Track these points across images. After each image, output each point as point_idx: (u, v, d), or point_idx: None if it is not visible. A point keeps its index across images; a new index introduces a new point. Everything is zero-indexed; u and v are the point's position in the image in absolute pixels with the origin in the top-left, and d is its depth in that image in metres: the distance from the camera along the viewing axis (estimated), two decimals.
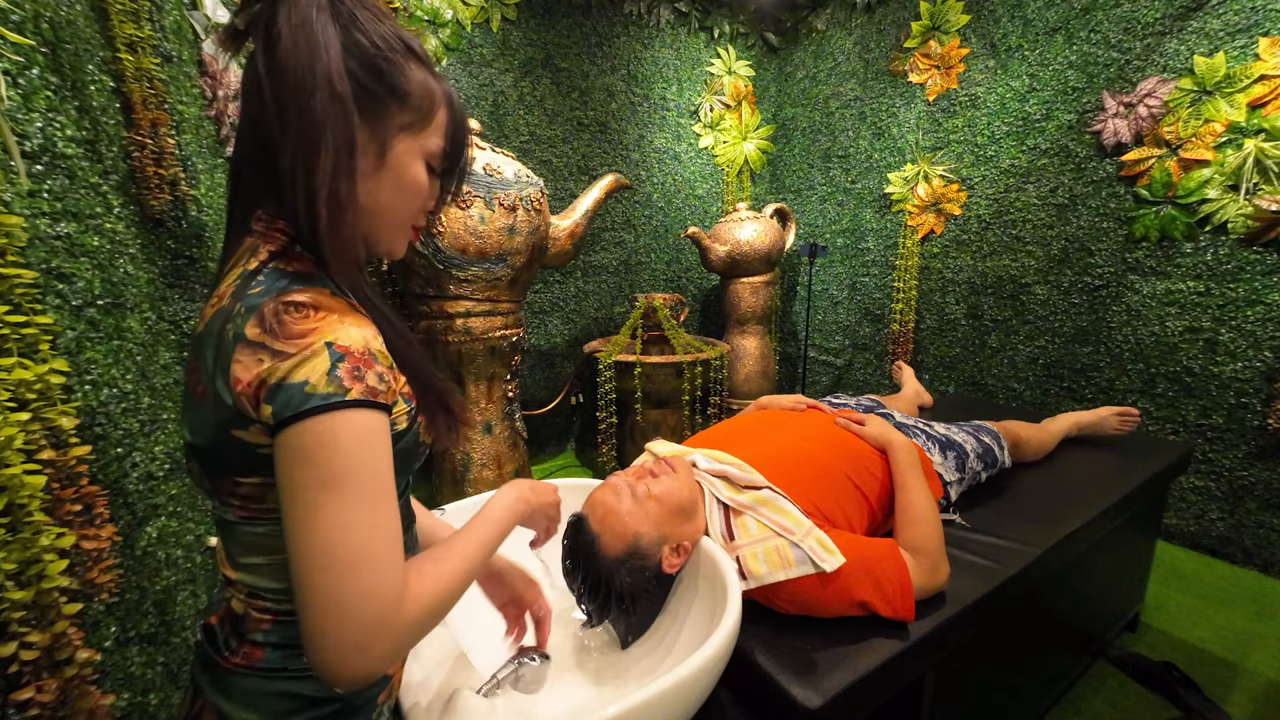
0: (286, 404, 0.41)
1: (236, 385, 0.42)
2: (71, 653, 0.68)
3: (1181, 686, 1.31)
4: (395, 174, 0.52)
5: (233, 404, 0.43)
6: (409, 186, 0.53)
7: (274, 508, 0.46)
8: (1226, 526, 1.90)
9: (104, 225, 0.89)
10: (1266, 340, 1.77)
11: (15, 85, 0.74)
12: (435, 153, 0.54)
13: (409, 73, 0.51)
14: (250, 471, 0.46)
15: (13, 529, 0.63)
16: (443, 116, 0.54)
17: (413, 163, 0.53)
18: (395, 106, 0.51)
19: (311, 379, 0.41)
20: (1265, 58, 1.70)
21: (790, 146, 3.39)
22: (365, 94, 0.49)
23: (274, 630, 0.51)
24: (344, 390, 0.42)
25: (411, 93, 0.51)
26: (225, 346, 0.43)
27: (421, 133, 0.53)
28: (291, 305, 0.44)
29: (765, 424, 1.17)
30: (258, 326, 0.43)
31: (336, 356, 0.42)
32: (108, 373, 0.86)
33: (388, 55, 0.50)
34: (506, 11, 2.55)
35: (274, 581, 0.50)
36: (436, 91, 0.53)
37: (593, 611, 0.88)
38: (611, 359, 2.34)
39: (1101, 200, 2.10)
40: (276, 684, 0.50)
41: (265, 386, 0.41)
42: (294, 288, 0.45)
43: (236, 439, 0.44)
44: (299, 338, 0.42)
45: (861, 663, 0.77)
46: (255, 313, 0.43)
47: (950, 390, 2.70)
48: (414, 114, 0.52)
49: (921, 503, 0.96)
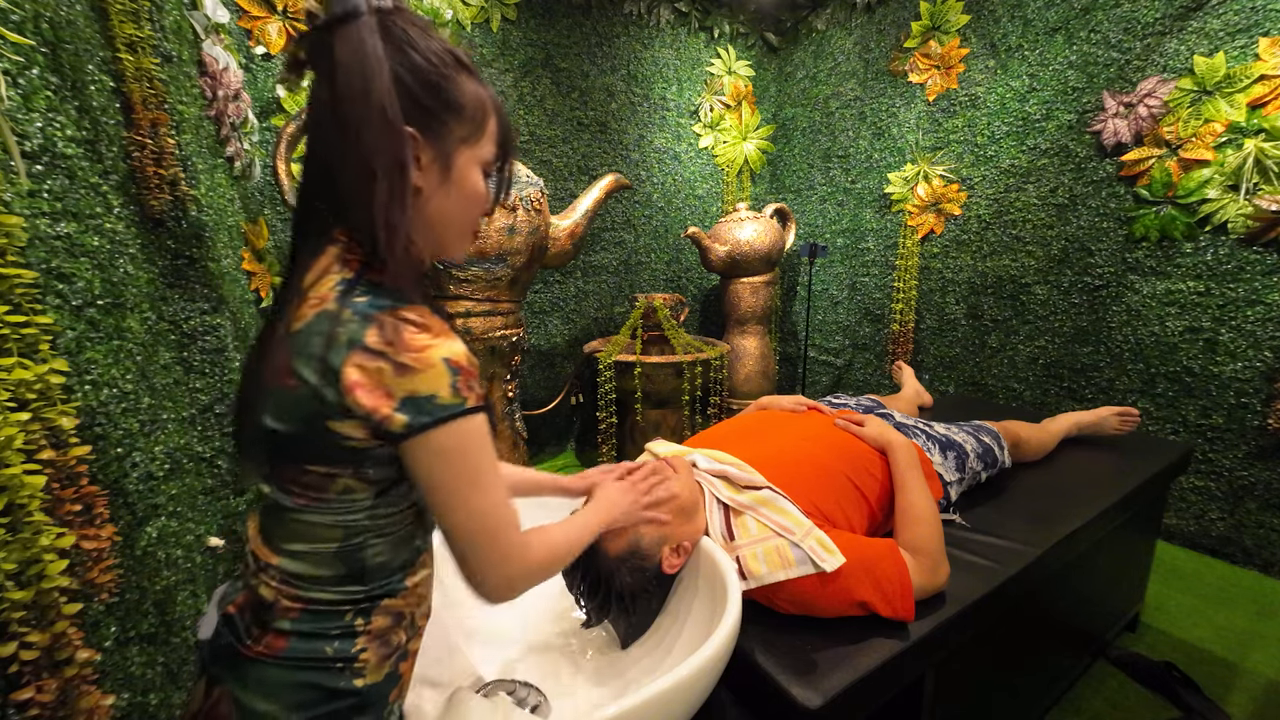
0: (420, 413, 0.48)
1: (352, 386, 0.47)
2: (71, 653, 0.69)
3: (1181, 686, 1.31)
4: (459, 186, 0.56)
5: (335, 400, 0.47)
6: (471, 196, 0.57)
7: (332, 498, 0.51)
8: (1226, 526, 1.90)
9: (104, 225, 0.89)
10: (1266, 340, 1.77)
11: (15, 85, 0.74)
12: (489, 159, 0.58)
13: (462, 86, 0.54)
14: (327, 460, 0.50)
15: (13, 529, 0.63)
16: (493, 124, 0.57)
17: (472, 172, 0.56)
18: (453, 121, 0.54)
19: (439, 392, 0.48)
20: (1265, 58, 1.70)
21: (790, 146, 3.39)
22: (425, 112, 0.52)
23: (302, 619, 0.52)
24: (463, 400, 0.49)
25: (466, 105, 0.54)
26: (337, 350, 0.47)
27: (477, 143, 0.56)
28: (408, 321, 0.48)
29: (765, 424, 1.17)
30: (377, 336, 0.47)
31: (454, 371, 0.49)
32: (108, 373, 0.86)
33: (442, 71, 0.52)
34: (506, 11, 2.55)
35: (314, 568, 0.52)
36: (486, 100, 0.56)
37: (592, 611, 0.88)
38: (611, 359, 2.34)
39: (1101, 200, 2.10)
40: (298, 674, 0.51)
41: (393, 398, 0.47)
42: (402, 305, 0.50)
43: (330, 430, 0.49)
44: (418, 352, 0.47)
45: (861, 663, 0.77)
46: (372, 322, 0.48)
47: (950, 390, 2.70)
48: (470, 126, 0.55)
49: (921, 503, 0.96)
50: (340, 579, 0.53)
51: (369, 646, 0.53)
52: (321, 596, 0.52)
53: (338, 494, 0.51)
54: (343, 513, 0.52)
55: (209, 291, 1.20)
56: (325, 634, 0.52)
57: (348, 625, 0.53)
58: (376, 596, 0.54)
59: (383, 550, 0.54)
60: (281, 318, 0.52)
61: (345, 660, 0.52)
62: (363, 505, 0.52)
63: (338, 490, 0.51)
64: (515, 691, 0.77)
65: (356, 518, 0.52)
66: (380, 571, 0.54)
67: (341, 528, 0.52)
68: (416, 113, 0.51)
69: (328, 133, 0.51)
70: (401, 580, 0.56)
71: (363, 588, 0.53)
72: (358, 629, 0.53)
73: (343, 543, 0.52)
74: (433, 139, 0.53)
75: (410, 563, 0.57)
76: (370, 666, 0.53)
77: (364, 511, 0.52)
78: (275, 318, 0.54)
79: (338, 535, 0.52)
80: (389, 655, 0.55)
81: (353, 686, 0.53)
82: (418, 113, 0.51)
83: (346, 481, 0.51)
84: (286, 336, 0.51)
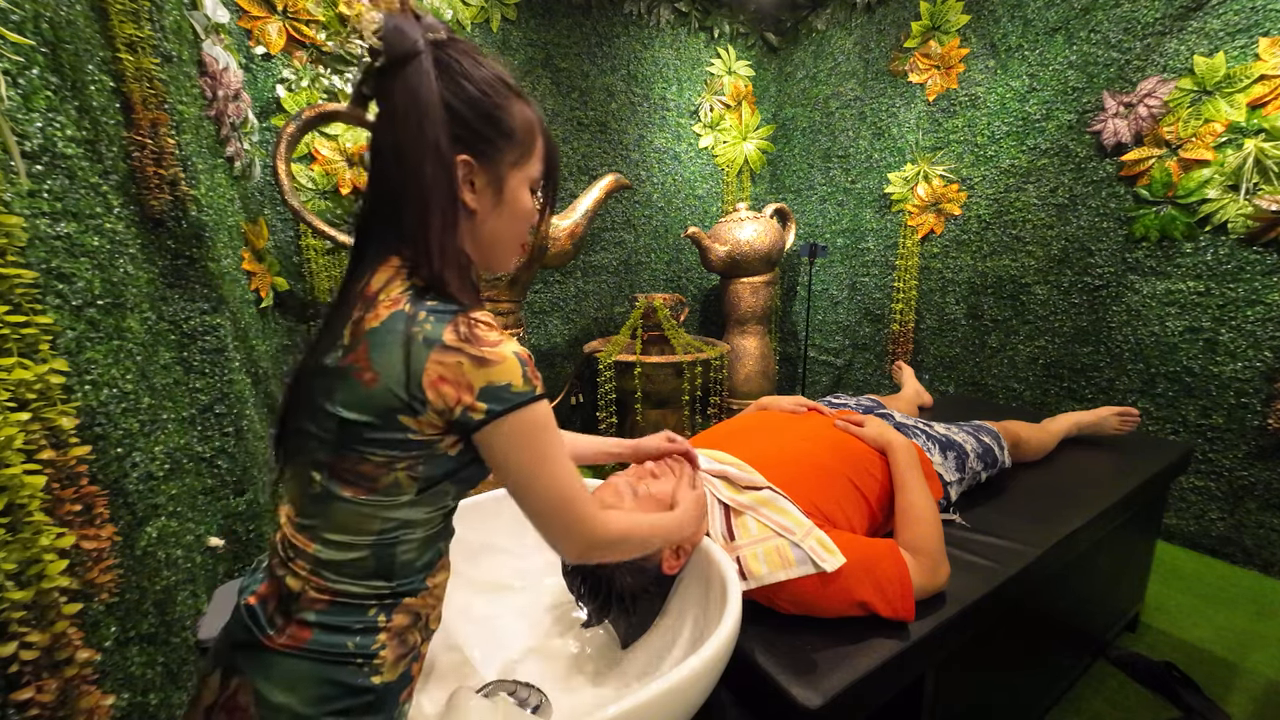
0: (499, 401, 0.52)
1: (434, 382, 0.51)
2: (71, 653, 0.68)
3: (1181, 686, 1.31)
4: (510, 206, 0.60)
5: (415, 395, 0.51)
6: (520, 215, 0.61)
7: (382, 489, 0.54)
8: (1226, 526, 1.90)
9: (104, 225, 0.89)
10: (1266, 340, 1.77)
11: (15, 85, 0.74)
12: (537, 178, 0.62)
13: (512, 111, 0.58)
14: (390, 451, 0.53)
15: (13, 529, 0.63)
16: (540, 144, 0.61)
17: (523, 192, 0.60)
18: (505, 145, 0.58)
19: (514, 381, 0.53)
20: (1265, 58, 1.70)
21: (790, 146, 3.39)
22: (479, 139, 0.56)
23: (328, 611, 0.54)
24: (533, 387, 0.54)
25: (516, 129, 0.58)
26: (417, 348, 0.51)
27: (527, 164, 0.60)
28: (480, 322, 0.53)
29: (765, 425, 1.17)
30: (454, 334, 0.52)
31: (523, 362, 0.54)
32: (108, 373, 0.86)
33: (495, 100, 0.56)
34: (506, 11, 2.55)
35: (348, 558, 0.55)
36: (534, 121, 0.60)
37: (593, 611, 0.88)
38: (611, 359, 2.34)
39: (1101, 200, 2.10)
40: (320, 669, 0.53)
41: (474, 389, 0.52)
42: (471, 309, 0.54)
43: (400, 423, 0.52)
44: (493, 346, 0.52)
45: (861, 663, 0.77)
46: (449, 324, 0.52)
47: (950, 390, 2.70)
48: (520, 149, 0.59)
49: (921, 503, 0.96)
50: (370, 573, 0.55)
51: (389, 644, 0.55)
52: (350, 589, 0.54)
53: (386, 486, 0.54)
54: (386, 507, 0.54)
55: (209, 291, 1.20)
56: (349, 628, 0.54)
57: (371, 620, 0.55)
58: (400, 594, 0.56)
59: (412, 548, 0.57)
60: (347, 316, 0.55)
61: (365, 656, 0.54)
62: (404, 501, 0.55)
63: (387, 483, 0.54)
64: (516, 692, 0.77)
65: (397, 513, 0.55)
66: (406, 569, 0.57)
67: (381, 520, 0.55)
68: (471, 139, 0.56)
69: (388, 163, 0.55)
70: (423, 580, 0.58)
71: (389, 584, 0.56)
72: (380, 625, 0.55)
73: (379, 535, 0.55)
74: (486, 164, 0.57)
75: (432, 564, 0.59)
76: (388, 664, 0.55)
77: (404, 508, 0.55)
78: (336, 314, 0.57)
79: (376, 528, 0.55)
80: (405, 654, 0.57)
81: (370, 684, 0.54)
82: (472, 139, 0.56)
83: (399, 475, 0.54)
84: (362, 333, 0.53)
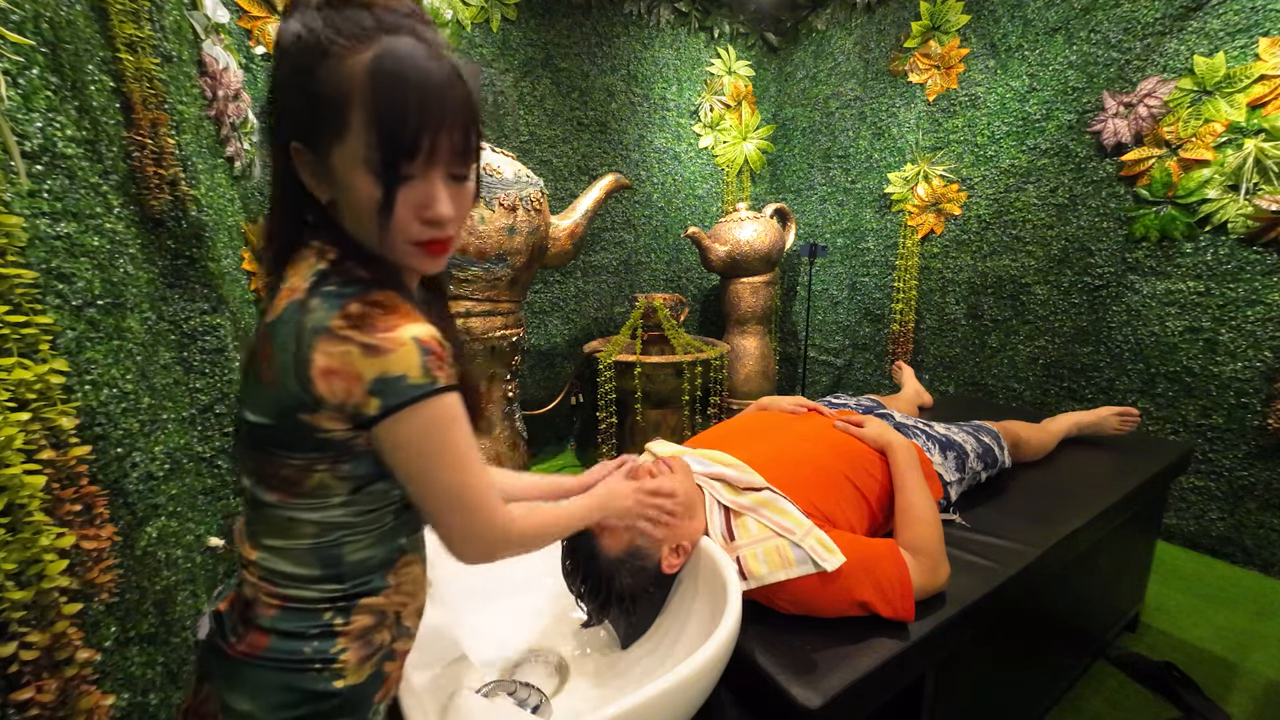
0: (394, 394, 0.46)
1: (320, 374, 0.46)
2: (71, 653, 0.68)
3: (1181, 686, 1.31)
4: (347, 196, 0.49)
5: (300, 390, 0.46)
6: (361, 206, 0.48)
7: (308, 492, 0.50)
8: (1226, 526, 1.90)
9: (104, 225, 0.89)
10: (1266, 340, 1.77)
11: (15, 85, 0.74)
12: (367, 156, 0.46)
13: (320, 74, 0.45)
14: (303, 453, 0.49)
15: (13, 529, 0.63)
16: (360, 113, 0.45)
17: (355, 177, 0.47)
18: (316, 121, 0.47)
19: (409, 372, 0.46)
20: (1265, 58, 1.70)
21: (790, 146, 3.38)
22: (299, 120, 0.48)
23: (280, 617, 0.52)
24: (433, 379, 0.48)
25: (323, 99, 0.46)
26: (304, 337, 0.46)
27: (346, 140, 0.46)
28: (374, 304, 0.47)
29: (765, 425, 1.17)
30: (343, 320, 0.46)
31: (424, 350, 0.47)
32: (108, 373, 0.86)
33: (299, 65, 0.46)
34: (506, 11, 2.55)
35: (290, 565, 0.52)
36: (350, 81, 0.45)
37: (593, 611, 0.88)
38: (611, 359, 2.34)
39: (1101, 200, 2.10)
40: (279, 676, 0.51)
41: (363, 380, 0.46)
42: (372, 290, 0.48)
43: (302, 422, 0.48)
44: (386, 332, 0.46)
45: (861, 663, 0.77)
46: (337, 307, 0.46)
47: (950, 390, 2.70)
48: (332, 121, 0.46)
49: (921, 503, 0.96)
50: (317, 578, 0.52)
51: (349, 646, 0.52)
52: (299, 594, 0.52)
53: (312, 489, 0.50)
54: (318, 509, 0.51)
55: (209, 291, 1.20)
56: (304, 633, 0.51)
57: (326, 624, 0.52)
58: (355, 595, 0.53)
59: (361, 548, 0.53)
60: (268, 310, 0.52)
61: (324, 661, 0.51)
62: (337, 501, 0.51)
63: (312, 485, 0.50)
64: (516, 692, 0.77)
65: (332, 514, 0.51)
66: (359, 569, 0.53)
67: (316, 524, 0.51)
68: (294, 121, 0.48)
69: None
70: (383, 578, 0.55)
71: (340, 586, 0.52)
72: (336, 628, 0.52)
73: (317, 539, 0.51)
74: (312, 147, 0.48)
75: (391, 561, 0.56)
76: (350, 667, 0.52)
77: (339, 508, 0.51)
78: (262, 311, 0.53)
79: (312, 531, 0.51)
80: (371, 655, 0.54)
81: (331, 689, 0.51)
82: (294, 121, 0.48)
83: (322, 477, 0.50)
84: (265, 328, 0.50)
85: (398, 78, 0.45)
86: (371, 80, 0.45)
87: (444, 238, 0.51)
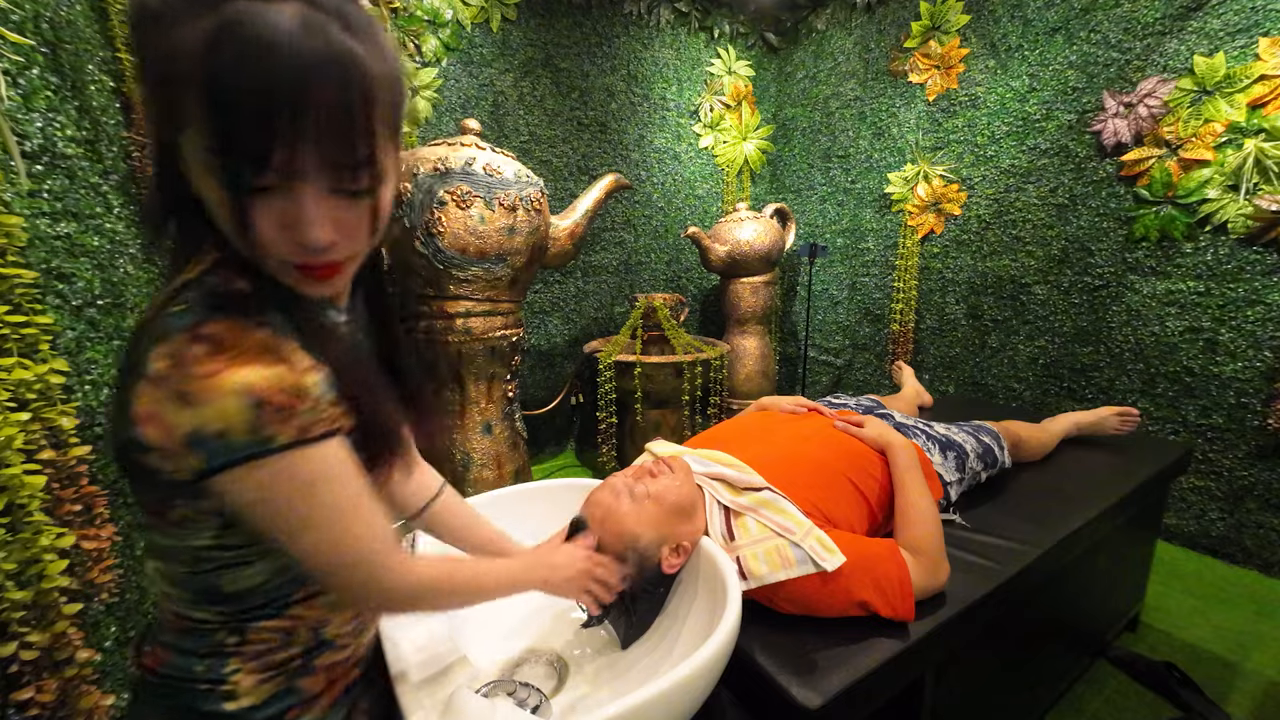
0: (215, 453, 0.39)
1: (141, 418, 0.39)
2: (71, 653, 0.69)
3: (1181, 686, 1.31)
4: (204, 195, 0.39)
5: (127, 430, 0.40)
6: (215, 212, 0.39)
7: (175, 523, 0.45)
8: (1226, 526, 1.90)
9: (104, 225, 0.89)
10: (1266, 340, 1.77)
11: (15, 85, 0.74)
12: (209, 154, 0.36)
13: (156, 44, 0.35)
14: (154, 490, 0.43)
15: (13, 529, 0.63)
16: (199, 86, 0.34)
17: (200, 175, 0.38)
18: (158, 105, 0.38)
19: (231, 428, 0.38)
20: (1265, 58, 1.70)
21: (790, 146, 3.39)
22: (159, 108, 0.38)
23: (177, 634, 0.49)
24: (269, 437, 0.39)
25: (158, 74, 0.36)
26: (133, 368, 0.40)
27: (188, 128, 0.36)
28: (204, 339, 0.38)
29: (765, 425, 1.17)
30: (164, 360, 0.38)
31: (255, 403, 0.38)
32: (108, 373, 0.86)
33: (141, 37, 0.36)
34: (506, 11, 2.55)
35: (170, 587, 0.48)
36: (186, 50, 0.34)
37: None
38: (611, 359, 2.34)
39: (1101, 200, 2.10)
40: (171, 693, 0.48)
41: (174, 434, 0.38)
42: (214, 317, 0.39)
43: (143, 462, 0.41)
44: (203, 379, 0.37)
45: (861, 663, 0.77)
46: (163, 342, 0.38)
47: (950, 390, 2.70)
48: (173, 104, 0.36)
49: (921, 503, 0.95)
50: (201, 601, 0.47)
51: (242, 667, 0.48)
52: (191, 614, 0.48)
53: (179, 520, 0.44)
54: (187, 538, 0.45)
55: None
56: (195, 652, 0.48)
57: (217, 644, 0.48)
58: (248, 619, 0.48)
59: (242, 578, 0.47)
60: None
61: (213, 681, 0.48)
62: (208, 535, 0.45)
63: (177, 519, 0.44)
64: (515, 692, 0.77)
65: (203, 544, 0.45)
66: (249, 596, 0.48)
67: (188, 552, 0.45)
68: (158, 110, 0.38)
69: None
70: (285, 599, 0.49)
71: (226, 609, 0.48)
72: (228, 648, 0.48)
73: (192, 568, 0.46)
74: (169, 136, 0.38)
75: (298, 580, 0.50)
76: (244, 689, 0.48)
77: (210, 540, 0.45)
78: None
79: (186, 559, 0.46)
80: (272, 674, 0.49)
81: (221, 709, 0.47)
82: (157, 109, 0.38)
83: (183, 511, 0.44)
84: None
85: (241, 59, 0.33)
86: (206, 60, 0.33)
87: (325, 263, 0.41)
